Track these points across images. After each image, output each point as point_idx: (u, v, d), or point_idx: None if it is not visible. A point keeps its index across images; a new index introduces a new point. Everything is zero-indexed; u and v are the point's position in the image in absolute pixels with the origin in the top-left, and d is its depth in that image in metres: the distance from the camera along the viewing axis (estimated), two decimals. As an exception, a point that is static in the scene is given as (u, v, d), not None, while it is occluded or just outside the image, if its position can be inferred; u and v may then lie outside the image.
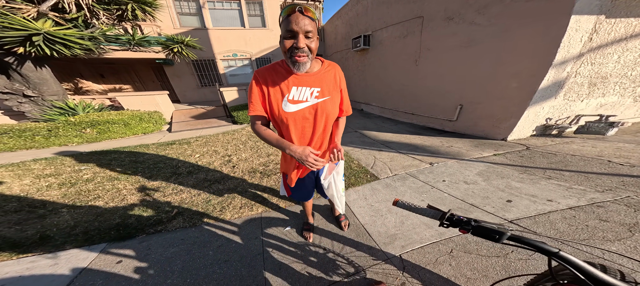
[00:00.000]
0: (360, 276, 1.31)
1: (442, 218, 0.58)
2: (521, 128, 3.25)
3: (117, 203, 2.37)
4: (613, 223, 1.45)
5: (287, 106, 0.94)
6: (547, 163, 2.47)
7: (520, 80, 3.02)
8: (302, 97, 0.94)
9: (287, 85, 0.92)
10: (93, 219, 2.13)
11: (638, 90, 3.45)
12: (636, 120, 3.79)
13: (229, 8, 9.43)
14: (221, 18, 9.41)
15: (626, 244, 1.28)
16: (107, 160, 3.64)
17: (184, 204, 2.29)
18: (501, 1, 3.01)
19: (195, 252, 1.67)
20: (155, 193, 2.52)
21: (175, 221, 2.04)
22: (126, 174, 3.08)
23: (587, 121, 3.37)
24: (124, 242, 1.83)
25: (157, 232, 1.93)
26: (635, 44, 2.91)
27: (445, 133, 4.17)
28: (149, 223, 2.04)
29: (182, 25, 8.96)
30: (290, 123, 0.97)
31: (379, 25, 5.56)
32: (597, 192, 1.84)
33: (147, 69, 10.66)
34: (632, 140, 2.96)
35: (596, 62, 2.92)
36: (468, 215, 1.72)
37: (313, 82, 0.94)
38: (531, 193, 1.89)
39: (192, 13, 8.99)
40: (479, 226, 0.52)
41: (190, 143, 4.62)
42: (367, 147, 3.65)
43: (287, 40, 0.75)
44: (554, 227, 1.48)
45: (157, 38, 6.70)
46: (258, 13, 9.90)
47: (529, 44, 2.84)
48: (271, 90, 0.92)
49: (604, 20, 2.61)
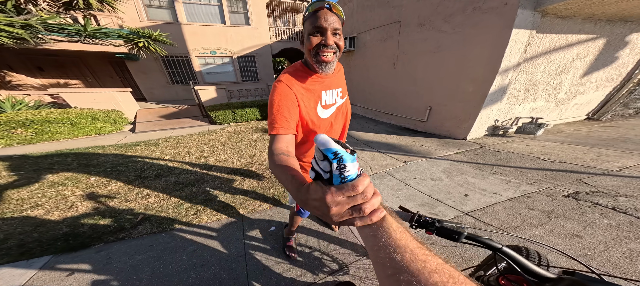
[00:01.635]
0: (344, 272, 1.44)
1: (411, 220, 0.63)
2: (477, 129, 3.76)
3: (64, 212, 2.10)
4: (537, 211, 1.85)
5: (321, 112, 0.88)
6: (494, 160, 2.94)
7: (476, 85, 3.46)
8: (331, 99, 0.90)
9: (318, 89, 0.85)
10: (30, 230, 1.85)
11: (558, 96, 4.23)
12: (557, 122, 4.69)
13: (207, 3, 8.81)
14: (197, 13, 8.81)
15: (546, 228, 1.65)
16: (47, 164, 3.17)
17: (151, 209, 2.14)
18: (463, 11, 3.35)
19: (166, 258, 1.61)
20: (114, 199, 2.30)
21: (142, 227, 1.91)
22: (75, 179, 2.73)
23: (523, 123, 4.06)
24: (76, 253, 1.66)
25: (118, 240, 1.78)
26: (556, 56, 3.55)
27: (417, 133, 4.57)
28: (107, 231, 1.87)
29: (150, 19, 8.12)
30: (322, 130, 0.91)
31: (363, 28, 5.70)
32: (528, 184, 2.29)
33: (103, 64, 9.54)
34: (554, 139, 3.68)
35: (529, 71, 3.50)
36: (433, 209, 1.99)
37: (336, 82, 0.92)
38: (482, 187, 2.25)
39: (163, 6, 8.20)
40: (442, 228, 0.59)
41: (159, 144, 4.28)
42: (351, 147, 3.81)
43: (314, 37, 0.70)
44: (497, 217, 1.81)
45: (118, 30, 5.87)
46: (241, 10, 9.46)
47: (483, 52, 3.26)
48: (305, 99, 0.81)
49: (535, 34, 3.12)
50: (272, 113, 0.73)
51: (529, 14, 2.89)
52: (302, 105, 0.80)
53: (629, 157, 2.77)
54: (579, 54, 3.70)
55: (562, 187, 2.17)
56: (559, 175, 2.43)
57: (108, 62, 9.53)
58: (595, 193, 2.03)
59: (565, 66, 3.75)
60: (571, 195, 2.03)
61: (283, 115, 0.73)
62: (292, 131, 0.74)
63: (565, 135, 3.89)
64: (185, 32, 8.81)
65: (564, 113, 4.59)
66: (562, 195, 2.04)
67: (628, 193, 2.00)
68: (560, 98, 4.24)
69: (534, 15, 2.94)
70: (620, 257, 1.32)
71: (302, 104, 0.79)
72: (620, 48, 3.99)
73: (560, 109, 4.46)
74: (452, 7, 3.49)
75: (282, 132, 0.71)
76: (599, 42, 3.71)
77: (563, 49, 3.49)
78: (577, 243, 1.46)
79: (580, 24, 3.34)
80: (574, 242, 1.47)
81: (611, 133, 3.87)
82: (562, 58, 3.61)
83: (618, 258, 1.32)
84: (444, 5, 3.59)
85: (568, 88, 4.13)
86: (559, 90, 4.09)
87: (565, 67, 3.76)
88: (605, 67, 4.15)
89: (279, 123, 0.72)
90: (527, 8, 2.83)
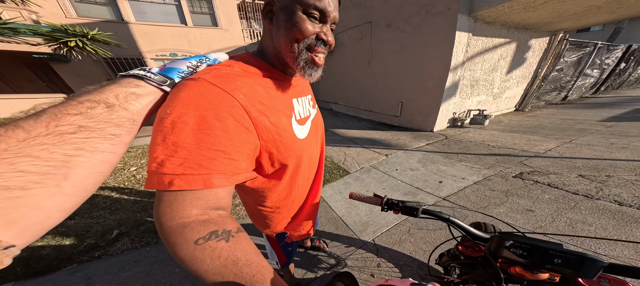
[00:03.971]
0: (342, 266, 1.43)
1: (382, 203, 0.68)
2: (440, 121, 4.08)
3: None
4: (497, 192, 2.10)
5: (298, 130, 0.55)
6: (458, 148, 3.24)
7: (435, 81, 3.73)
8: (305, 111, 0.60)
9: (288, 98, 0.53)
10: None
11: (494, 91, 4.80)
12: (497, 113, 5.39)
13: (161, 2, 7.53)
14: (149, 12, 7.49)
15: (506, 206, 1.88)
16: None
17: (125, 224, 1.82)
18: (418, 14, 3.58)
19: (156, 272, 1.43)
20: (74, 219, 1.90)
21: (119, 243, 1.62)
22: None
23: (474, 114, 4.55)
24: (45, 277, 1.38)
25: (95, 259, 1.50)
26: (488, 56, 4.02)
27: (393, 127, 4.77)
28: (77, 250, 1.55)
29: (81, 15, 6.63)
30: (304, 159, 0.59)
31: (340, 28, 5.62)
32: (486, 168, 2.58)
33: (16, 66, 7.53)
34: (497, 128, 4.21)
35: (471, 68, 3.91)
36: (416, 197, 2.10)
37: (306, 86, 0.66)
38: (453, 174, 2.47)
39: (100, 2, 6.77)
40: (404, 206, 0.65)
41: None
42: (338, 144, 3.83)
43: (310, 23, 0.42)
44: (469, 200, 2.00)
45: (33, 27, 4.59)
46: (206, 11, 8.32)
47: (437, 51, 3.52)
48: (272, 111, 0.46)
49: (472, 37, 3.49)
50: (185, 143, 0.32)
51: (466, 18, 3.22)
52: (268, 123, 0.44)
53: (549, 141, 3.32)
54: (502, 54, 4.26)
55: (510, 170, 2.50)
56: (506, 159, 2.79)
57: (22, 64, 7.62)
58: (534, 173, 2.38)
59: (494, 65, 4.28)
60: (518, 176, 2.35)
61: (218, 149, 0.34)
62: (247, 172, 0.41)
63: (504, 124, 4.49)
64: (135, 32, 7.49)
65: (500, 105, 5.27)
66: (511, 176, 2.34)
67: (555, 171, 2.39)
68: (495, 93, 4.83)
69: (470, 20, 3.28)
70: (564, 226, 1.58)
71: (267, 121, 0.44)
72: (526, 50, 4.70)
73: (497, 102, 5.10)
74: (410, 9, 3.69)
75: (219, 181, 0.34)
76: (513, 45, 4.32)
77: (491, 50, 3.98)
78: (532, 217, 1.69)
79: (499, 29, 3.85)
80: (529, 217, 1.70)
81: (533, 121, 4.58)
82: (492, 58, 4.11)
83: (563, 227, 1.58)
84: (405, 8, 3.77)
85: (499, 84, 4.73)
86: (494, 86, 4.65)
87: (494, 65, 4.29)
88: (520, 66, 4.86)
89: (208, 164, 0.33)
90: (464, 13, 3.15)
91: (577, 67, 5.93)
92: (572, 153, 2.82)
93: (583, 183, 2.10)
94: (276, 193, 0.59)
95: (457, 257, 0.74)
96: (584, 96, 7.48)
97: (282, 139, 0.48)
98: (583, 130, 3.74)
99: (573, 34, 11.96)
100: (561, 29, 4.88)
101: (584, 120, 4.43)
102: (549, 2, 3.00)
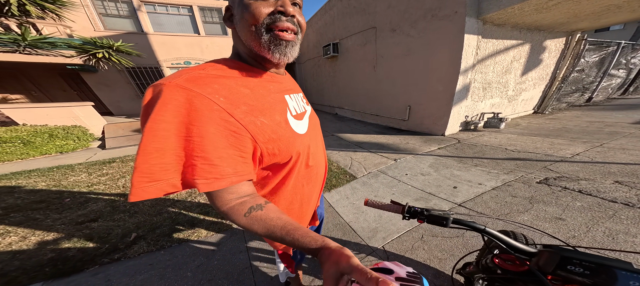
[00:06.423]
0: None
1: (402, 211, 0.60)
2: (452, 125, 3.82)
3: (41, 237, 1.76)
4: (520, 198, 1.85)
5: (296, 125, 0.51)
6: (472, 153, 2.98)
7: (444, 85, 3.52)
8: (300, 107, 0.56)
9: (278, 95, 0.50)
10: (9, 258, 1.53)
11: (508, 93, 4.44)
12: (513, 116, 4.97)
13: (176, 13, 7.98)
14: (166, 23, 7.95)
15: (531, 213, 1.64)
16: (6, 190, 2.65)
17: (142, 227, 1.85)
18: (424, 18, 3.43)
19: (170, 276, 1.40)
20: (98, 220, 1.96)
21: (137, 246, 1.63)
22: (45, 202, 2.32)
23: (487, 117, 4.22)
24: (69, 278, 1.39)
25: (114, 261, 1.51)
26: (500, 58, 3.74)
27: (401, 131, 4.54)
28: (99, 253, 1.57)
29: (107, 28, 7.14)
30: (311, 158, 0.57)
31: (345, 33, 5.61)
32: (505, 173, 2.32)
33: (51, 76, 8.02)
34: (515, 132, 3.86)
35: (483, 71, 3.64)
36: (429, 203, 1.92)
37: (295, 85, 0.62)
38: (468, 179, 2.24)
39: (123, 15, 7.25)
40: (430, 215, 0.56)
41: (139, 159, 3.84)
42: (343, 149, 3.69)
43: (261, 3, 0.38)
44: (487, 206, 1.78)
45: (68, 40, 5.10)
46: (217, 20, 8.72)
47: (446, 55, 3.33)
48: (262, 110, 0.44)
49: (481, 39, 3.26)
50: (197, 158, 0.35)
51: (474, 21, 3.03)
52: (258, 123, 0.41)
53: (576, 145, 2.94)
54: (515, 56, 3.95)
55: (533, 175, 2.22)
56: (527, 163, 2.50)
57: (57, 74, 8.09)
58: (561, 179, 2.09)
59: (507, 67, 3.97)
60: (543, 182, 2.07)
61: (211, 163, 0.35)
62: (248, 175, 0.41)
63: (522, 127, 4.10)
64: (153, 43, 7.89)
65: (516, 108, 4.85)
66: (535, 182, 2.07)
67: (586, 176, 2.08)
68: (510, 95, 4.47)
69: (478, 23, 3.09)
70: (603, 236, 1.33)
71: (257, 122, 0.41)
72: (542, 52, 4.33)
73: (513, 105, 4.71)
74: (415, 14, 3.56)
75: (230, 180, 0.37)
76: (526, 46, 3.99)
77: (503, 52, 3.70)
78: (562, 226, 1.45)
79: (510, 31, 3.59)
80: (559, 225, 1.46)
81: (555, 124, 4.14)
82: (504, 60, 3.82)
83: (601, 237, 1.33)
84: (410, 13, 3.65)
85: (513, 86, 4.37)
86: (508, 88, 4.31)
87: (507, 67, 3.98)
88: (536, 68, 4.47)
89: (212, 171, 0.36)
90: (472, 16, 2.98)
91: (601, 67, 5.36)
92: (605, 157, 2.46)
93: (621, 190, 1.80)
94: (284, 192, 0.56)
95: (490, 270, 0.65)
96: (611, 97, 6.71)
97: (280, 136, 0.46)
98: (615, 133, 3.29)
99: (591, 33, 11.03)
100: (578, 29, 4.48)
101: (615, 122, 3.92)
102: (562, 3, 2.75)
